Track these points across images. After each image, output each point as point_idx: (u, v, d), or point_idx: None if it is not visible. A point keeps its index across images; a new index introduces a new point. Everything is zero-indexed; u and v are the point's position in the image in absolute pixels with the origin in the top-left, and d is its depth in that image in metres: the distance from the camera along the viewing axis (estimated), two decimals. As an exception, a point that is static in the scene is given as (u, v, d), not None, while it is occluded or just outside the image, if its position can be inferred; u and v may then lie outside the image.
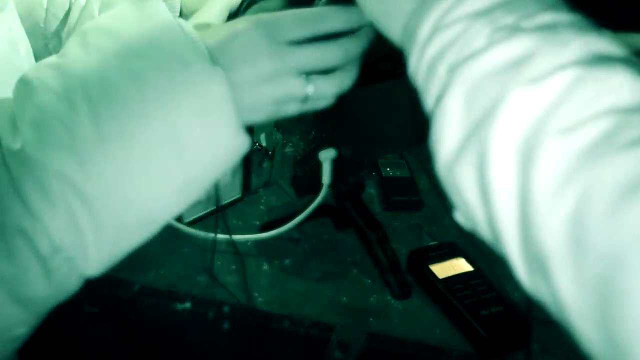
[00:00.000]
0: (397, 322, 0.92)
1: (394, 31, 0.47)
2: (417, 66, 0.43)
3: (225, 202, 1.10)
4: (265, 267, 0.99)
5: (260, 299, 0.93)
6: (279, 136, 1.12)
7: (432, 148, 0.42)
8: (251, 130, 1.04)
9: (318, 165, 0.96)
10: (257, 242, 1.04)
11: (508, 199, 0.35)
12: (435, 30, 0.40)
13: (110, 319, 0.99)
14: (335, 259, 1.02)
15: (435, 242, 1.03)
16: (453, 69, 0.38)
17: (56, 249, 0.43)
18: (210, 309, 0.93)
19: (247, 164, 1.09)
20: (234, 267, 0.98)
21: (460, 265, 0.97)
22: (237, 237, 1.04)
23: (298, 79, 0.48)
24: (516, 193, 0.35)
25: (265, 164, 1.12)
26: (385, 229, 0.98)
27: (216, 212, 1.09)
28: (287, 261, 1.01)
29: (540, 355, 0.89)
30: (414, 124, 0.85)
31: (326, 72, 0.51)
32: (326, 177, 0.94)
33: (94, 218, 0.42)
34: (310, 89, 0.49)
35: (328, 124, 0.90)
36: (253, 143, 1.05)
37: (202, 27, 0.58)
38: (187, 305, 0.93)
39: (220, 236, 1.03)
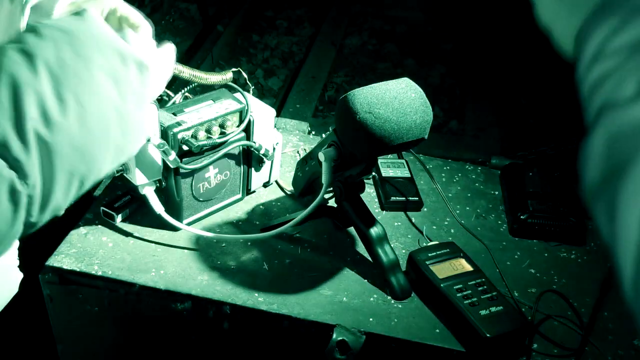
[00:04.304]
0: (397, 322, 0.92)
1: (566, 35, 0.48)
2: (581, 82, 0.44)
3: (226, 202, 1.10)
4: (265, 267, 0.99)
5: (260, 299, 0.93)
6: (279, 136, 1.12)
7: (579, 169, 0.43)
8: (249, 131, 1.05)
9: (318, 165, 0.96)
10: (257, 242, 1.04)
11: (629, 247, 0.36)
12: (597, 55, 0.41)
13: (110, 318, 0.99)
14: (335, 259, 1.02)
15: (435, 242, 1.03)
16: (602, 110, 0.39)
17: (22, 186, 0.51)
18: (210, 309, 0.93)
19: (247, 164, 1.09)
20: (234, 267, 0.99)
21: (460, 265, 0.97)
22: (237, 237, 1.04)
23: None
24: (635, 246, 0.35)
25: (265, 164, 1.12)
26: (385, 229, 0.98)
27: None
28: (287, 261, 1.01)
29: (540, 356, 0.89)
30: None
31: None
32: (326, 177, 0.94)
33: (50, 163, 0.52)
34: None
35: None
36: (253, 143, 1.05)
37: None
38: (187, 305, 0.93)
39: (219, 236, 1.03)
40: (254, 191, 1.15)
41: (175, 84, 2.52)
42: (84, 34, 0.56)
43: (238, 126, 1.02)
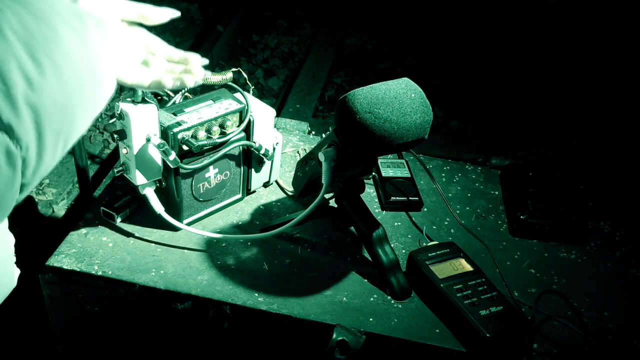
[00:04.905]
0: (397, 322, 0.92)
1: None
2: None
3: (226, 202, 1.10)
4: (265, 267, 0.99)
5: (260, 299, 0.93)
6: (279, 136, 1.13)
7: None
8: (250, 132, 1.05)
9: (318, 165, 0.96)
10: (257, 242, 1.04)
11: None
12: None
13: (110, 318, 0.99)
14: (335, 259, 1.02)
15: (435, 242, 1.03)
16: None
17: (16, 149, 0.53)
18: (210, 309, 0.93)
19: (247, 164, 1.09)
20: (234, 267, 0.99)
21: (460, 265, 0.97)
22: (237, 237, 1.04)
23: None
24: None
25: (265, 164, 1.12)
26: (385, 229, 0.98)
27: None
28: (287, 261, 1.01)
29: (540, 355, 0.89)
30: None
31: None
32: (326, 177, 0.94)
33: (38, 123, 0.54)
34: None
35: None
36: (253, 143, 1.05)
37: None
38: (187, 305, 0.93)
39: (219, 236, 1.03)
40: (254, 191, 1.15)
41: (175, 84, 2.53)
42: (34, 0, 0.58)
43: (238, 126, 1.02)
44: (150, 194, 0.99)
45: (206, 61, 0.84)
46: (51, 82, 0.55)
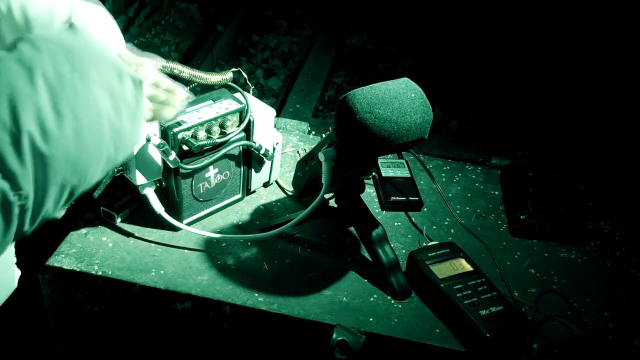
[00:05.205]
0: (397, 322, 0.92)
1: None
2: None
3: (226, 202, 1.10)
4: (265, 267, 0.99)
5: (260, 299, 0.93)
6: (279, 136, 1.13)
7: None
8: (249, 132, 1.05)
9: (318, 165, 0.96)
10: (257, 242, 1.04)
11: None
12: None
13: (110, 318, 0.99)
14: (335, 259, 1.02)
15: (435, 242, 1.03)
16: None
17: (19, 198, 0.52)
18: (210, 309, 0.93)
19: (247, 164, 1.09)
20: (234, 267, 0.99)
21: (460, 265, 0.97)
22: (237, 237, 1.04)
23: None
24: None
25: (265, 164, 1.12)
26: (385, 228, 0.98)
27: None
28: (287, 261, 1.01)
29: (540, 356, 0.89)
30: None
31: None
32: (326, 177, 0.94)
33: (44, 174, 0.53)
34: None
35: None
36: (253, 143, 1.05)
37: None
38: (187, 305, 0.93)
39: (219, 236, 1.03)
40: (254, 191, 1.15)
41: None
42: (79, 49, 0.57)
43: (238, 126, 1.02)
44: (150, 194, 0.99)
45: (192, 98, 0.83)
46: (67, 136, 0.53)
